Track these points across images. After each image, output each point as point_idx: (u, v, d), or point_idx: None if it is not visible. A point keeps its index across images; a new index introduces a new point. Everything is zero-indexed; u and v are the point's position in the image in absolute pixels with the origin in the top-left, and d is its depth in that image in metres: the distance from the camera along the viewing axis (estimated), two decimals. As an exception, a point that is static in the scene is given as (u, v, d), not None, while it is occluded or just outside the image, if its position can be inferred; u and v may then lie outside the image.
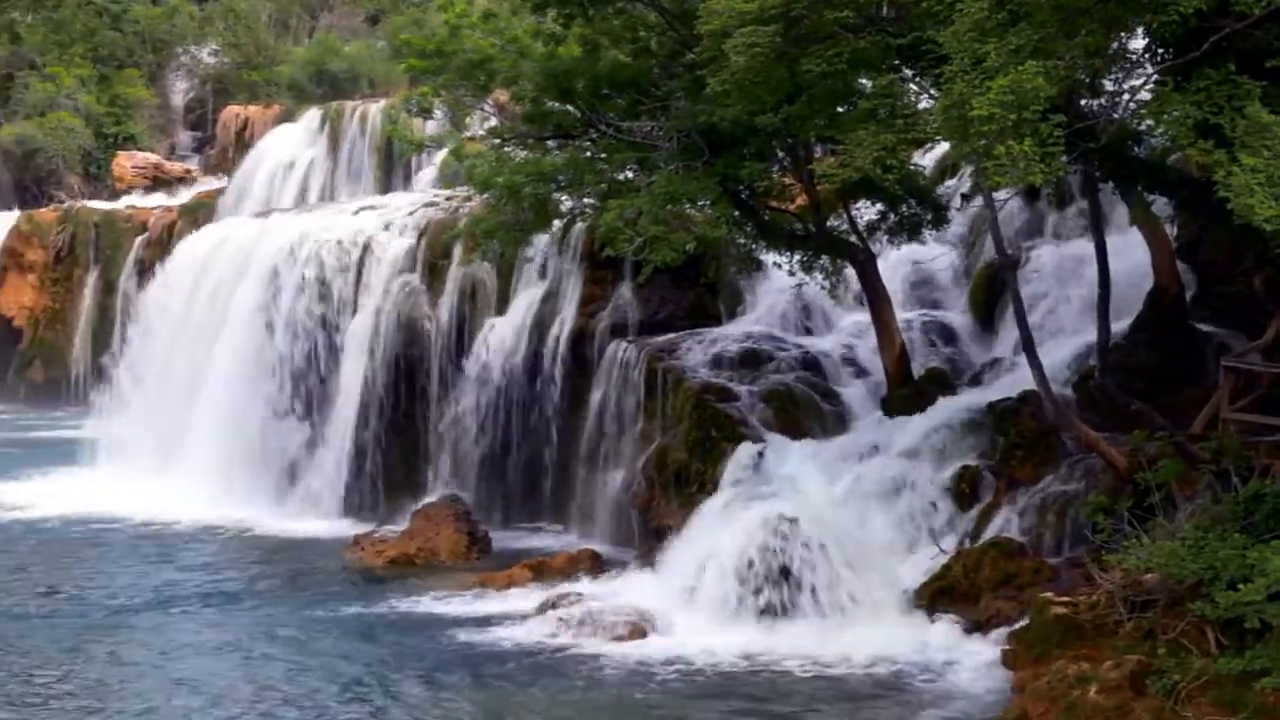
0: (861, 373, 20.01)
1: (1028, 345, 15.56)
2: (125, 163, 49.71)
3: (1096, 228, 15.72)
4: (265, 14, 56.25)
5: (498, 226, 18.99)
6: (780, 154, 18.21)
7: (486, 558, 19.53)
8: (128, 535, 21.45)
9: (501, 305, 22.72)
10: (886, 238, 19.20)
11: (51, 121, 49.86)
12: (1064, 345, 17.96)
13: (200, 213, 40.93)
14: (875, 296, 18.67)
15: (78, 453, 26.87)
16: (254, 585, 18.37)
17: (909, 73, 14.95)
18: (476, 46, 19.17)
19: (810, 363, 19.95)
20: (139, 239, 42.53)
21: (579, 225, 20.98)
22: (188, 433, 24.82)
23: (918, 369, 18.79)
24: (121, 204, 46.02)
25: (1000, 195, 16.78)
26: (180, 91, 57.36)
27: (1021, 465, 16.38)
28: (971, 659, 14.15)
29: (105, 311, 41.83)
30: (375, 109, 42.14)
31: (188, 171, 50.37)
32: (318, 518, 22.30)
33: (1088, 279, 17.73)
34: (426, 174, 37.68)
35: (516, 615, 16.17)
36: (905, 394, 18.20)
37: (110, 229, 43.46)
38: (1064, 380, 16.94)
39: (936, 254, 20.71)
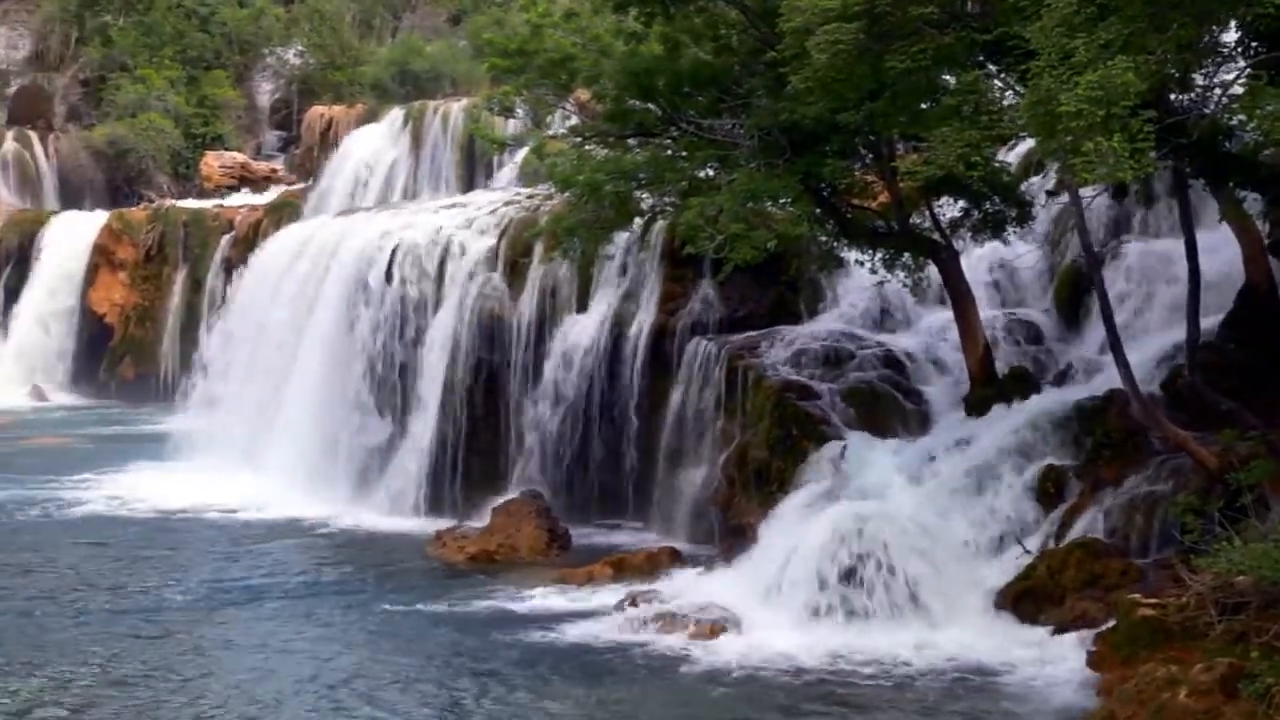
0: (944, 371, 19.81)
1: (1114, 343, 15.33)
2: (213, 162, 50.58)
3: (1186, 224, 15.46)
4: (349, 15, 56.96)
5: (578, 224, 19.05)
6: (862, 151, 18.08)
7: (566, 554, 19.59)
8: (212, 529, 21.79)
9: (582, 303, 22.78)
10: (970, 235, 19.01)
11: (142, 122, 50.84)
12: (1152, 344, 17.67)
13: (285, 211, 41.57)
14: (958, 294, 18.49)
15: (165, 447, 27.33)
16: (337, 580, 18.57)
17: (994, 69, 14.79)
18: (558, 45, 19.22)
19: (892, 361, 19.79)
20: (225, 237, 43.26)
21: (659, 223, 20.99)
22: (273, 429, 25.18)
23: (1001, 367, 18.58)
24: (209, 203, 46.83)
25: (1086, 192, 16.55)
26: (266, 92, 58.26)
27: (1108, 465, 16.12)
28: (1056, 661, 13.94)
29: (193, 309, 42.63)
30: (457, 108, 42.50)
31: (273, 171, 51.14)
32: (400, 513, 22.51)
33: (1176, 276, 17.47)
34: (507, 173, 37.94)
35: (596, 612, 16.21)
36: (989, 393, 18.00)
37: (198, 227, 44.27)
38: (1152, 379, 16.66)
39: (1021, 251, 20.47)
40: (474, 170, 41.57)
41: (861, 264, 19.28)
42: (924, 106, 15.53)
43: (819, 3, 13.88)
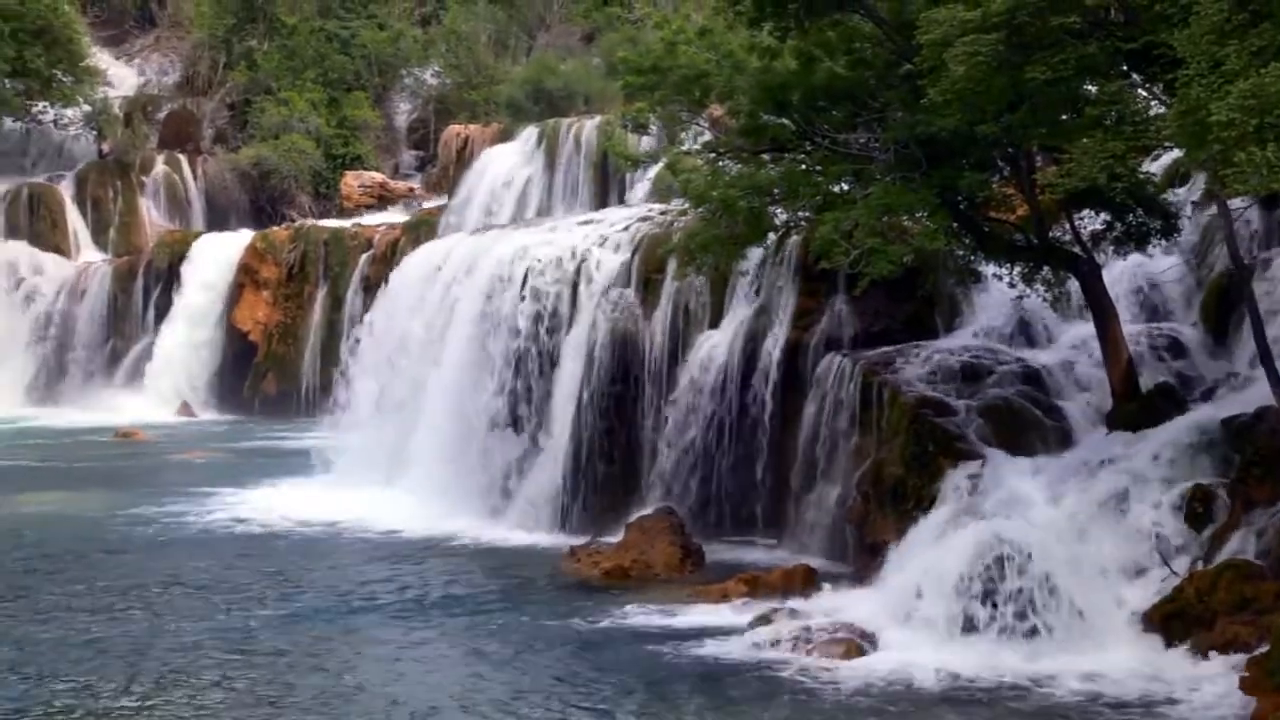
0: (1085, 387, 19.36)
1: (1265, 358, 14.87)
2: (352, 182, 51.65)
3: (1342, 235, 14.97)
4: (485, 35, 57.74)
5: (712, 240, 19.04)
6: (1000, 163, 17.81)
7: (700, 571, 19.53)
8: (349, 545, 22.14)
9: (715, 319, 22.73)
10: (1112, 248, 18.59)
11: (285, 144, 52.12)
12: (1305, 359, 17.06)
13: (422, 230, 42.29)
14: (1100, 309, 18.09)
15: (306, 463, 27.88)
16: (471, 595, 18.74)
17: (1138, 78, 14.47)
18: (692, 62, 19.25)
19: (1031, 376, 19.39)
20: (364, 256, 44.13)
21: (793, 238, 20.88)
22: (410, 445, 25.53)
23: (1146, 383, 18.12)
24: (348, 222, 47.78)
25: (1235, 203, 16.09)
26: (404, 112, 59.35)
27: (1259, 484, 15.60)
28: (1206, 686, 13.54)
29: (333, 326, 43.54)
30: (590, 125, 42.81)
31: (411, 190, 52.02)
32: (534, 529, 22.66)
33: (1332, 289, 16.91)
34: (640, 189, 38.09)
35: (731, 629, 16.13)
36: (1132, 409, 17.57)
37: (338, 246, 45.23)
38: (1305, 396, 16.09)
39: (1166, 265, 19.95)
40: (607, 187, 41.83)
41: (1000, 278, 18.97)
42: (1064, 117, 15.25)
43: (958, 14, 13.72)
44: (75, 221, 51.01)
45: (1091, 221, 18.52)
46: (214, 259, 46.07)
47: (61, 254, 49.93)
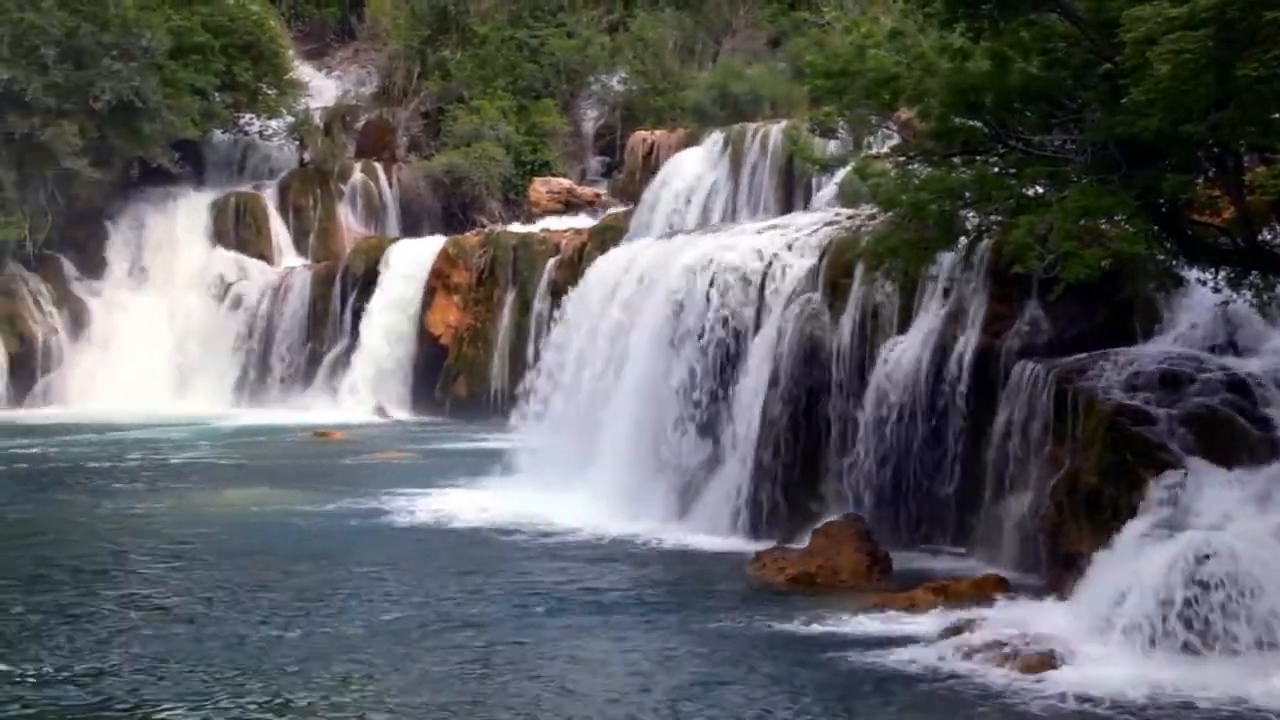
0: (1295, 397, 18.56)
1: None
2: (540, 188, 52.51)
3: None
4: (671, 41, 58.11)
5: (901, 244, 18.82)
6: (1206, 164, 17.20)
7: (887, 579, 19.29)
8: (532, 545, 22.39)
9: (903, 324, 22.40)
10: (1327, 252, 17.79)
11: (476, 151, 53.27)
12: None
13: (608, 235, 42.76)
14: (1313, 315, 17.33)
15: (494, 464, 28.39)
16: (653, 597, 18.80)
17: (1358, 72, 13.82)
18: (881, 65, 19.07)
19: (1237, 384, 18.62)
20: (551, 261, 44.82)
21: (984, 242, 20.49)
22: (595, 447, 25.77)
23: (1362, 394, 17.30)
24: (536, 227, 48.60)
25: None
26: (590, 119, 60.09)
27: None
28: None
29: (521, 330, 44.33)
30: (776, 130, 42.72)
31: (597, 195, 52.67)
32: (719, 534, 22.64)
33: None
34: (826, 193, 37.84)
35: (918, 638, 15.89)
36: (1347, 421, 16.79)
37: (526, 251, 46.03)
38: None
39: (1384, 269, 18.98)
40: (792, 192, 41.66)
41: (1203, 283, 18.32)
42: (1276, 115, 14.67)
43: (1163, 11, 13.30)
44: (278, 228, 53.08)
45: (1304, 224, 17.79)
46: (407, 264, 47.34)
47: (265, 260, 52.04)
